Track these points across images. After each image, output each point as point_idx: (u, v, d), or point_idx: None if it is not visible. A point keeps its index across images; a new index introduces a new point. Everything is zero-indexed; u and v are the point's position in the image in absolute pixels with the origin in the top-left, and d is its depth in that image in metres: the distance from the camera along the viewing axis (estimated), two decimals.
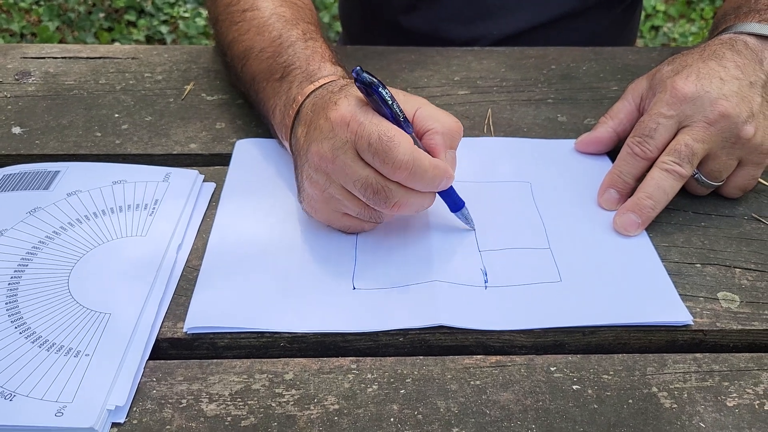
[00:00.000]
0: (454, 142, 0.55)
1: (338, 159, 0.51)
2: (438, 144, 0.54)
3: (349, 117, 0.51)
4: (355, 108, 0.51)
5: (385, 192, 0.51)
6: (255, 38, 0.68)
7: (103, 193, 0.61)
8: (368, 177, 0.51)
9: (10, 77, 0.80)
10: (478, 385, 0.47)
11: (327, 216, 0.56)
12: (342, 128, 0.51)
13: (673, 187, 0.58)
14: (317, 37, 0.66)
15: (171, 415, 0.45)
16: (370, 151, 0.50)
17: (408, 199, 0.52)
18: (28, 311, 0.50)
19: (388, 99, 0.51)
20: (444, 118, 0.55)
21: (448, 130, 0.54)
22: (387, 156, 0.49)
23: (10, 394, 0.44)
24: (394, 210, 0.52)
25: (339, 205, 0.54)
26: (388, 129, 0.50)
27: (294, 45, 0.64)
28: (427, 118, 0.54)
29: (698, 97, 0.58)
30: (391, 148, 0.49)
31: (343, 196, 0.53)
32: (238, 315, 0.51)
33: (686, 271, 0.55)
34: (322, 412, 0.45)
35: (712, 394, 0.46)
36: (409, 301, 0.52)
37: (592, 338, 0.51)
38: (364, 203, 0.53)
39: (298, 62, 0.62)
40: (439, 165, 0.52)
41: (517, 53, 0.86)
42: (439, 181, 0.52)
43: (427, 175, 0.51)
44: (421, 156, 0.50)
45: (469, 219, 0.58)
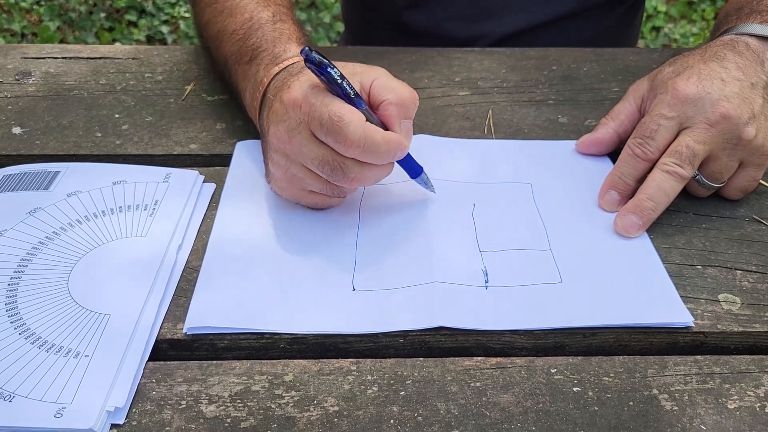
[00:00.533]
0: (408, 111, 0.55)
1: (294, 140, 0.53)
2: (392, 115, 0.54)
3: (301, 99, 0.52)
4: (306, 89, 0.53)
5: (342, 168, 0.53)
6: (228, 20, 0.70)
7: (103, 194, 0.61)
8: (324, 155, 0.53)
9: (10, 77, 0.80)
10: (479, 386, 0.47)
11: (293, 194, 0.59)
12: (295, 110, 0.53)
13: (674, 189, 0.58)
14: (287, 19, 0.68)
15: (170, 416, 0.45)
16: (322, 131, 0.51)
17: (364, 173, 0.54)
18: (27, 312, 0.50)
19: (337, 78, 0.52)
20: (399, 88, 0.55)
21: (401, 100, 0.55)
22: (338, 135, 0.51)
23: (9, 395, 0.44)
24: (354, 183, 0.54)
25: (302, 183, 0.57)
26: (338, 108, 0.51)
27: (263, 27, 0.66)
28: (381, 89, 0.55)
29: (699, 98, 0.58)
30: (342, 127, 0.51)
31: (304, 175, 0.55)
32: (237, 316, 0.51)
33: (687, 273, 0.55)
34: (321, 414, 0.45)
35: (713, 396, 0.46)
36: (410, 303, 0.52)
37: (593, 340, 0.51)
38: (325, 180, 0.55)
39: (266, 44, 0.64)
40: (391, 138, 0.53)
41: (517, 54, 0.86)
42: (393, 153, 0.53)
43: (380, 149, 0.52)
44: (372, 132, 0.51)
45: (429, 184, 0.60)
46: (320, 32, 2.53)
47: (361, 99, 0.54)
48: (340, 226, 0.59)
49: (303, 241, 0.57)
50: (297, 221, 0.59)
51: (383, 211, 0.61)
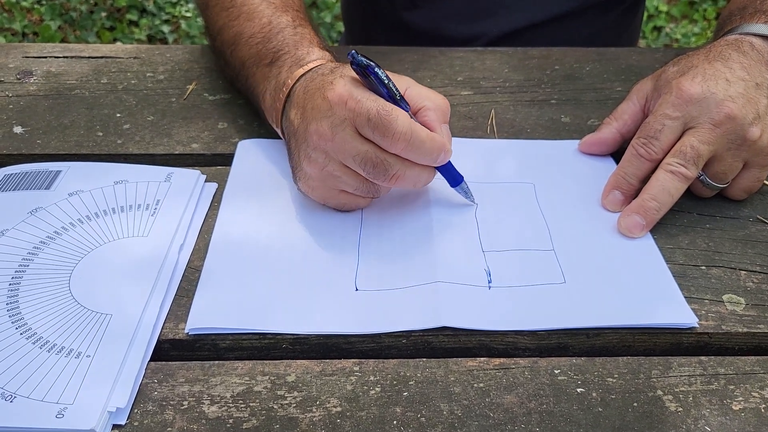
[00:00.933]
0: (445, 117, 0.57)
1: (337, 136, 0.53)
2: (433, 120, 0.56)
3: (347, 96, 0.53)
4: (351, 87, 0.53)
5: (384, 165, 0.53)
6: (245, 24, 0.69)
7: (104, 193, 0.61)
8: (368, 151, 0.53)
9: (11, 76, 0.80)
10: (482, 387, 0.46)
11: (323, 194, 0.58)
12: (340, 106, 0.53)
13: (678, 189, 0.57)
14: (305, 24, 0.68)
15: (172, 417, 0.44)
16: (369, 126, 0.52)
17: (406, 171, 0.54)
18: (29, 312, 0.50)
19: (385, 78, 0.53)
20: (433, 96, 0.57)
21: (438, 107, 0.56)
22: (387, 129, 0.52)
23: (10, 395, 0.44)
24: (393, 182, 0.54)
25: (337, 182, 0.56)
26: (385, 104, 0.52)
27: (283, 31, 0.66)
28: (417, 97, 0.57)
29: (704, 98, 0.57)
30: (390, 121, 0.52)
31: (342, 172, 0.55)
32: (239, 316, 0.51)
33: (691, 273, 0.55)
34: (324, 415, 0.45)
35: (717, 397, 0.46)
36: (413, 303, 0.51)
37: (597, 340, 0.50)
38: (362, 178, 0.55)
39: (287, 48, 0.64)
40: (435, 138, 0.54)
41: (520, 53, 0.85)
42: (437, 153, 0.54)
43: (425, 146, 0.53)
44: (418, 128, 0.53)
45: (469, 193, 0.60)
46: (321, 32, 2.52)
47: (405, 101, 0.55)
48: (342, 226, 0.59)
49: (305, 241, 0.57)
50: (299, 221, 0.59)
51: (386, 211, 0.60)
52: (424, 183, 0.57)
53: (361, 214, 0.60)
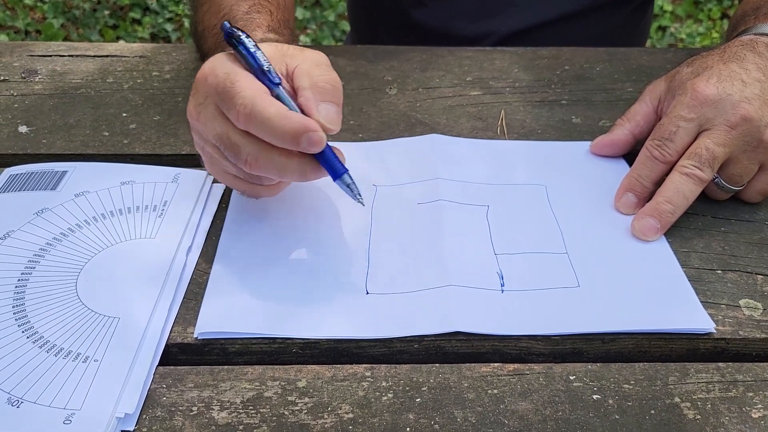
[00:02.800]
0: (327, 95, 0.50)
1: (201, 115, 0.51)
2: (308, 98, 0.49)
3: (209, 71, 0.50)
4: (216, 63, 0.50)
5: (234, 148, 0.49)
6: (210, 18, 0.70)
7: (111, 194, 0.60)
8: (222, 132, 0.49)
9: (16, 75, 0.79)
10: (496, 394, 0.46)
11: (218, 175, 0.55)
12: (202, 83, 0.50)
13: (692, 192, 0.57)
14: (263, 10, 0.66)
15: (182, 423, 0.44)
16: (218, 100, 0.48)
17: (261, 155, 0.48)
18: (35, 315, 0.49)
19: (251, 48, 0.49)
20: (315, 72, 0.50)
21: (315, 84, 0.50)
22: (229, 102, 0.47)
23: (17, 400, 0.43)
24: (248, 167, 0.49)
25: (219, 164, 0.53)
26: (235, 74, 0.48)
27: (234, 20, 0.65)
28: (299, 75, 0.50)
29: (720, 100, 0.56)
30: (232, 93, 0.47)
31: (216, 154, 0.52)
32: (249, 320, 0.50)
33: (707, 278, 0.54)
34: (336, 421, 0.44)
35: (736, 405, 0.45)
36: (424, 307, 0.51)
37: (612, 346, 0.50)
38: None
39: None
40: (292, 116, 0.47)
41: (529, 53, 0.85)
42: (294, 133, 0.46)
43: (272, 122, 0.46)
44: (264, 102, 0.47)
45: (354, 189, 0.51)
46: (325, 31, 2.52)
47: (277, 76, 0.49)
48: (352, 228, 0.58)
49: (314, 244, 0.56)
50: (308, 223, 0.58)
51: (396, 213, 0.60)
52: (301, 177, 0.50)
53: (370, 217, 0.59)
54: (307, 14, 2.54)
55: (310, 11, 2.56)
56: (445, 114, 0.73)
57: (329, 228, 0.58)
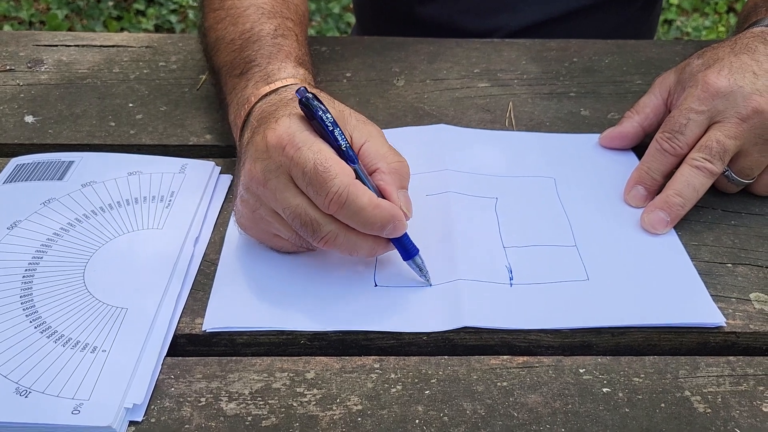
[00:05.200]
0: (403, 181, 0.51)
1: (270, 183, 0.48)
2: (387, 184, 0.49)
3: (287, 140, 0.47)
4: (294, 130, 0.48)
5: (314, 225, 0.48)
6: (228, 28, 0.66)
7: (118, 185, 0.60)
8: (299, 206, 0.48)
9: (22, 65, 0.79)
10: (505, 386, 0.45)
11: (258, 235, 0.54)
12: (277, 151, 0.47)
13: (703, 185, 0.56)
14: (289, 34, 0.64)
15: (190, 413, 0.44)
16: (304, 180, 0.47)
17: (341, 237, 0.48)
18: (43, 305, 0.49)
19: (329, 125, 0.48)
20: (391, 157, 0.51)
21: (395, 170, 0.50)
22: (321, 187, 0.46)
23: (25, 390, 0.43)
24: (322, 245, 0.49)
25: (270, 227, 0.52)
26: (325, 158, 0.46)
27: (261, 40, 0.62)
28: (373, 155, 0.50)
29: (731, 92, 0.56)
30: (326, 179, 0.46)
31: (273, 219, 0.50)
32: (257, 313, 0.50)
33: (717, 271, 0.53)
34: (344, 413, 0.44)
35: (747, 398, 0.45)
36: (433, 301, 0.50)
37: (621, 339, 0.49)
38: (294, 230, 0.50)
39: (260, 59, 0.60)
40: (383, 205, 0.47)
41: (537, 45, 0.84)
42: (383, 224, 0.47)
43: (364, 213, 0.46)
44: (358, 191, 0.46)
45: (424, 270, 0.52)
46: (329, 23, 2.51)
47: (354, 153, 0.49)
48: None
49: None
50: None
51: None
52: (370, 254, 0.50)
53: None
54: (312, 6, 2.53)
55: (315, 3, 2.55)
56: (452, 106, 0.73)
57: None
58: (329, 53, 0.82)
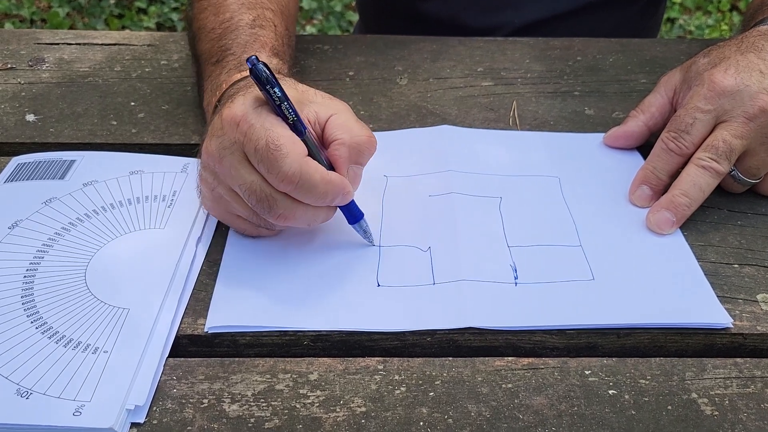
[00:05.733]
0: (361, 156, 0.51)
1: (225, 159, 0.48)
2: (341, 156, 0.50)
3: (240, 117, 0.48)
4: (248, 107, 0.48)
5: (269, 201, 0.48)
6: (209, 17, 0.67)
7: (120, 184, 0.60)
8: (253, 183, 0.48)
9: (23, 63, 0.78)
10: (510, 388, 0.45)
11: (220, 215, 0.54)
12: (232, 128, 0.48)
13: (709, 185, 0.56)
14: (267, 25, 0.65)
15: (192, 415, 0.43)
16: (256, 157, 0.47)
17: (295, 212, 0.49)
18: (44, 306, 0.48)
19: (276, 99, 0.48)
20: (356, 129, 0.51)
21: (355, 143, 0.50)
22: (272, 165, 0.46)
23: (26, 391, 0.43)
24: (280, 221, 0.49)
25: (228, 206, 0.52)
26: (278, 135, 0.47)
27: (239, 29, 0.63)
28: (337, 127, 0.51)
29: (738, 91, 0.56)
30: (277, 158, 0.46)
31: (231, 198, 0.51)
32: (259, 313, 0.49)
33: (723, 272, 0.53)
34: (348, 415, 0.43)
35: (754, 401, 0.44)
36: (437, 300, 0.50)
37: (627, 340, 0.49)
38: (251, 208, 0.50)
39: (235, 48, 0.61)
40: (332, 180, 0.48)
41: (541, 44, 0.84)
42: (332, 196, 0.49)
43: (317, 190, 0.48)
44: (310, 169, 0.47)
45: (368, 233, 0.54)
46: (331, 21, 2.50)
47: (303, 125, 0.49)
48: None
49: (326, 235, 0.56)
50: None
51: (407, 205, 0.59)
52: (321, 222, 0.52)
53: (381, 209, 0.58)
54: (313, 4, 2.53)
55: (317, 1, 2.54)
56: (456, 105, 0.72)
57: (339, 220, 0.57)
58: (332, 52, 0.81)
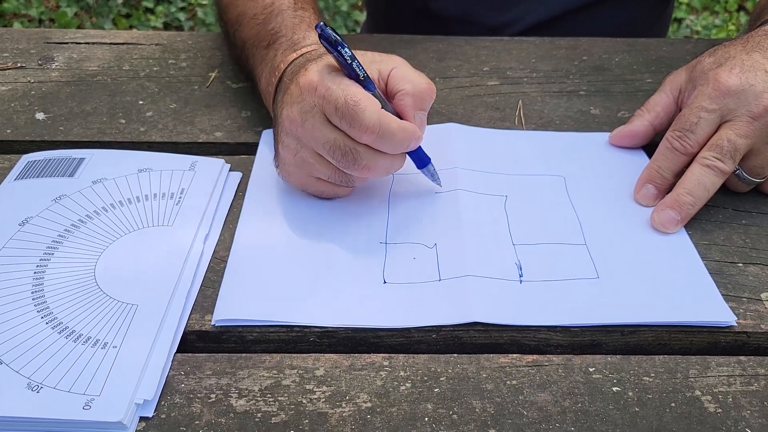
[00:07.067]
0: (424, 103, 0.55)
1: (307, 122, 0.52)
2: (407, 105, 0.54)
3: (317, 81, 0.52)
4: (323, 72, 0.52)
5: (353, 154, 0.52)
6: (248, 3, 0.70)
7: (128, 182, 0.60)
8: (336, 139, 0.52)
9: (33, 62, 0.79)
10: (515, 385, 0.45)
11: (300, 180, 0.58)
12: (310, 92, 0.52)
13: (713, 184, 0.56)
14: (308, 6, 0.68)
15: (200, 410, 0.44)
16: (337, 115, 0.51)
17: (377, 162, 0.53)
18: (54, 301, 0.49)
19: (347, 58, 0.51)
20: (416, 79, 0.55)
21: (418, 91, 0.54)
22: (354, 120, 0.50)
23: (37, 385, 0.43)
24: (364, 172, 0.53)
25: (311, 169, 0.55)
26: (354, 93, 0.51)
27: (283, 13, 0.66)
28: (399, 79, 0.55)
29: (742, 90, 0.56)
30: (357, 112, 0.50)
31: (314, 160, 0.54)
32: (266, 308, 0.50)
33: (728, 271, 0.53)
34: (354, 410, 0.44)
35: (758, 399, 0.44)
36: (442, 297, 0.50)
37: (631, 338, 0.49)
38: (334, 166, 0.54)
39: (284, 30, 0.64)
40: (406, 127, 0.53)
41: (547, 43, 0.84)
42: (408, 142, 0.53)
43: (395, 137, 0.52)
44: (387, 119, 0.51)
45: (436, 176, 0.59)
46: (338, 20, 2.51)
47: (372, 83, 0.53)
48: (369, 217, 0.58)
49: (332, 232, 0.56)
50: (326, 211, 0.58)
51: (413, 203, 0.59)
52: (396, 169, 0.56)
53: (387, 206, 0.59)
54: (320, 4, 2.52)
55: (324, 1, 2.55)
56: (462, 104, 0.73)
57: (346, 216, 0.58)
58: None
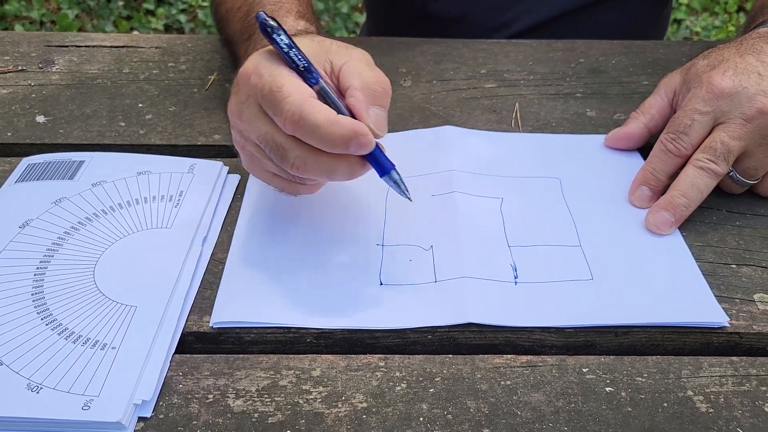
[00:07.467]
0: (378, 98, 0.49)
1: (243, 114, 0.50)
2: (358, 101, 0.48)
3: (251, 70, 0.48)
4: (260, 60, 0.49)
5: (281, 150, 0.48)
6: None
7: (128, 184, 0.61)
8: (267, 132, 0.48)
9: (34, 65, 0.80)
10: (509, 385, 0.46)
11: (258, 174, 0.54)
12: (245, 82, 0.49)
13: (707, 186, 0.57)
14: None
15: (197, 410, 0.44)
16: (264, 104, 0.47)
17: (308, 159, 0.47)
18: (54, 303, 0.50)
19: (283, 46, 0.48)
20: (367, 73, 0.49)
21: (366, 85, 0.48)
22: (276, 107, 0.46)
23: (36, 386, 0.44)
24: (294, 171, 0.48)
25: (260, 162, 0.52)
26: (281, 79, 0.47)
27: (262, 2, 0.65)
28: (348, 74, 0.49)
29: (735, 93, 0.56)
30: (279, 99, 0.46)
31: (258, 153, 0.51)
32: (264, 310, 0.50)
33: (721, 272, 0.54)
34: (350, 410, 0.44)
35: (749, 399, 0.45)
36: (438, 298, 0.51)
37: (625, 339, 0.50)
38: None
39: None
40: (339, 121, 0.45)
41: (544, 46, 0.84)
42: (345, 141, 0.45)
43: (320, 130, 0.45)
44: (311, 108, 0.45)
45: (401, 184, 0.50)
46: (338, 22, 2.51)
47: (316, 74, 0.48)
48: (366, 220, 0.58)
49: (329, 234, 0.57)
50: (323, 214, 0.59)
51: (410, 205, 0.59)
52: (349, 176, 0.48)
53: (384, 208, 0.59)
54: (320, 5, 2.54)
55: (323, 2, 2.55)
56: (459, 106, 0.73)
57: (344, 219, 0.58)
58: None
